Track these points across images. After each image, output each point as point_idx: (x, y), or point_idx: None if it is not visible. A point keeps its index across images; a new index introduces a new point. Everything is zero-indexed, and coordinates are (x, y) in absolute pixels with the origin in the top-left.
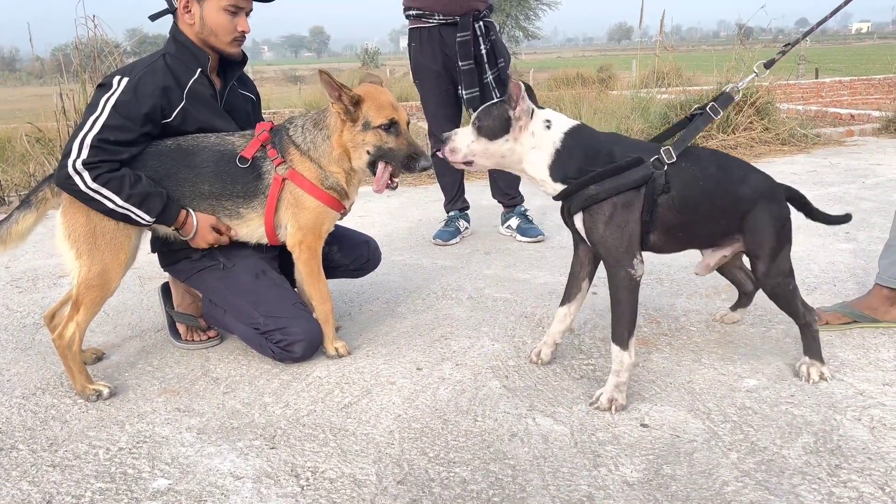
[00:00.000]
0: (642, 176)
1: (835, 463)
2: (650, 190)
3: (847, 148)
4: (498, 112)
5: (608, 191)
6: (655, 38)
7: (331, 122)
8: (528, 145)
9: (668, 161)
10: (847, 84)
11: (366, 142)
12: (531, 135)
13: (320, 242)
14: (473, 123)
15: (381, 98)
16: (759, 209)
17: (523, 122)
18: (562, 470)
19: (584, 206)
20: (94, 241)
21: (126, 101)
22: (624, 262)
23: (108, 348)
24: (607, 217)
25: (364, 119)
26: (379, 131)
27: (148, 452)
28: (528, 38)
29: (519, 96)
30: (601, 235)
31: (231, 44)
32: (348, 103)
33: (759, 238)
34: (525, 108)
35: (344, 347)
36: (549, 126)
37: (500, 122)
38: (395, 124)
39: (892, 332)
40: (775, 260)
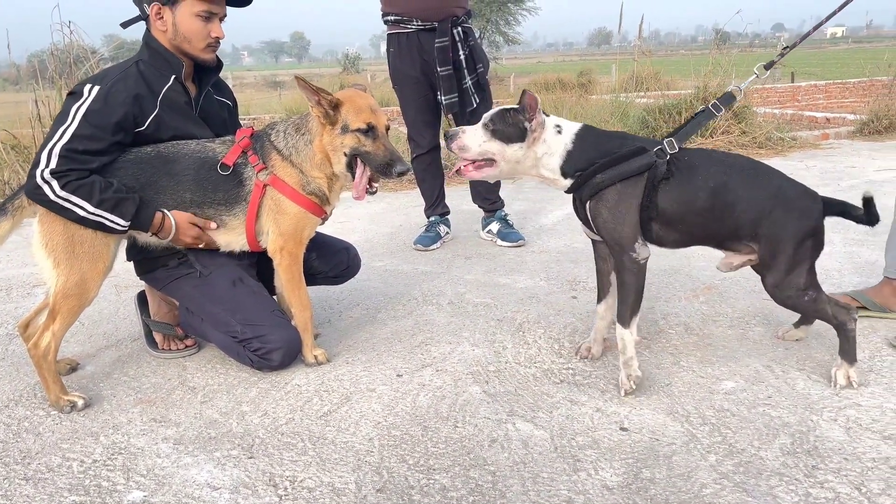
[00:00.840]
0: (645, 163)
1: (811, 464)
2: (651, 176)
3: (823, 151)
4: (513, 119)
5: (612, 178)
6: (634, 42)
7: (312, 127)
8: (541, 152)
9: (670, 151)
10: (822, 88)
11: (344, 144)
12: (543, 142)
13: (301, 248)
14: (486, 126)
15: (360, 102)
16: (774, 217)
17: (537, 133)
18: (542, 475)
19: (592, 194)
20: (73, 249)
21: (97, 109)
22: (626, 246)
23: (83, 358)
24: (611, 203)
25: (343, 122)
26: (357, 135)
27: (123, 464)
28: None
29: (535, 109)
30: (605, 220)
31: (205, 50)
32: (327, 107)
33: (772, 248)
34: (541, 121)
35: (323, 355)
36: (560, 131)
37: (516, 129)
38: (373, 128)
39: (867, 333)
40: (789, 274)
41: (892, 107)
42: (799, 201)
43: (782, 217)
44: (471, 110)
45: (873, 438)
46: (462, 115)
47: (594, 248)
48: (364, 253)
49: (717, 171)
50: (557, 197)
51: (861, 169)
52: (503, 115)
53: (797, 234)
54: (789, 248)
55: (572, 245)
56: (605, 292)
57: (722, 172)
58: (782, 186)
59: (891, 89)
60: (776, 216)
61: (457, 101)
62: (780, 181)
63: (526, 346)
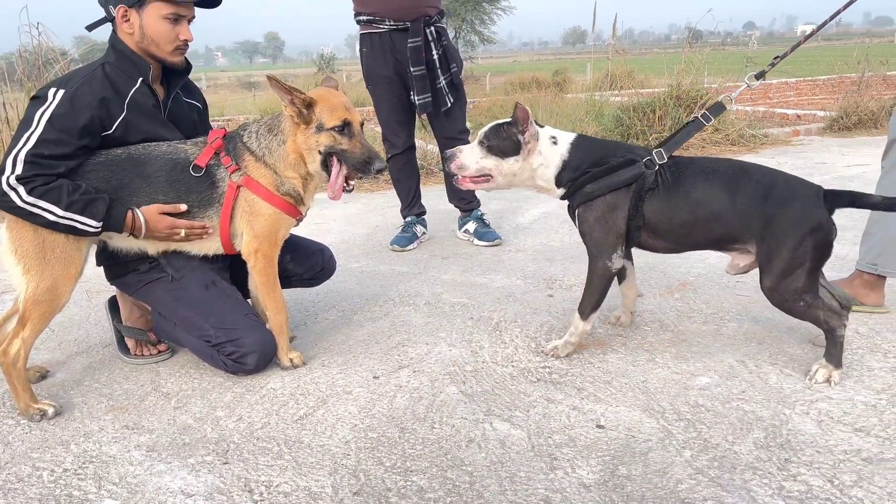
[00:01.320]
0: (633, 174)
1: (784, 457)
2: (639, 187)
3: (793, 147)
4: (507, 133)
5: (602, 189)
6: (608, 41)
7: (285, 127)
8: (536, 163)
9: (659, 161)
10: (793, 85)
11: (319, 143)
12: (539, 153)
13: (276, 250)
14: (481, 143)
15: (333, 100)
16: (768, 219)
17: (531, 145)
18: (519, 474)
19: (582, 202)
20: (43, 255)
21: (62, 113)
22: (604, 255)
23: (54, 365)
24: (598, 213)
25: (317, 121)
26: (332, 133)
27: (94, 473)
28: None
29: (527, 121)
30: (590, 227)
31: (173, 53)
32: (301, 106)
33: (768, 250)
34: (534, 132)
35: (299, 358)
36: (556, 142)
37: (511, 143)
38: (349, 125)
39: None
40: (785, 277)
41: (861, 103)
42: (795, 201)
43: (776, 218)
44: (445, 110)
45: (845, 431)
46: (436, 115)
47: None
48: (340, 254)
49: (700, 181)
50: (533, 196)
51: (831, 165)
52: (497, 131)
53: (794, 236)
54: (786, 250)
55: (549, 244)
56: (623, 276)
57: (706, 181)
58: (776, 186)
59: (859, 86)
60: (770, 217)
61: (430, 101)
62: (774, 180)
63: (503, 346)
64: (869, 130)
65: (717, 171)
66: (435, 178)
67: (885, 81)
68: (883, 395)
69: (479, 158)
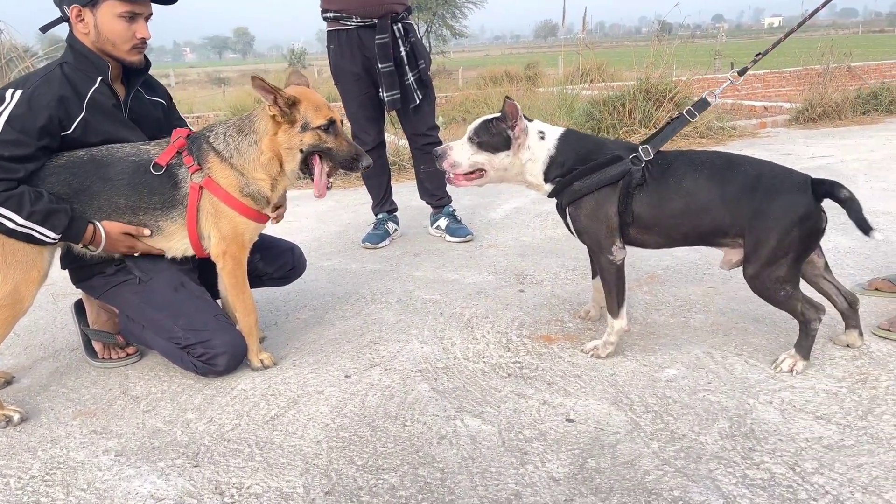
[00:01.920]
0: (620, 171)
1: (748, 446)
2: (626, 184)
3: (760, 140)
4: (497, 129)
5: (590, 186)
6: (579, 35)
7: (259, 127)
8: (525, 157)
9: (645, 158)
10: (761, 77)
11: (303, 142)
12: (527, 148)
13: (244, 252)
14: (471, 139)
15: (316, 99)
16: (756, 210)
17: (521, 139)
18: (490, 470)
19: (571, 200)
20: (4, 258)
21: (20, 114)
22: (604, 249)
23: (19, 371)
24: (589, 210)
25: (303, 120)
26: (318, 132)
27: (62, 479)
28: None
29: (517, 116)
30: (584, 226)
31: (130, 52)
32: (284, 105)
33: (755, 240)
34: (523, 127)
35: (269, 358)
36: (544, 137)
37: (501, 138)
38: (334, 124)
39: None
40: (770, 266)
41: (826, 95)
42: (782, 191)
43: (764, 208)
44: (413, 107)
45: (807, 419)
46: (405, 112)
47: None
48: (312, 252)
49: (688, 174)
50: (505, 191)
51: (797, 157)
52: (486, 126)
53: (781, 225)
54: (773, 239)
55: (520, 239)
56: (596, 271)
57: (693, 174)
58: (762, 177)
59: (824, 78)
60: (757, 208)
61: (399, 98)
62: (760, 171)
63: (474, 342)
64: (833, 122)
65: (704, 164)
66: (406, 174)
67: (849, 73)
68: (843, 383)
69: (470, 155)
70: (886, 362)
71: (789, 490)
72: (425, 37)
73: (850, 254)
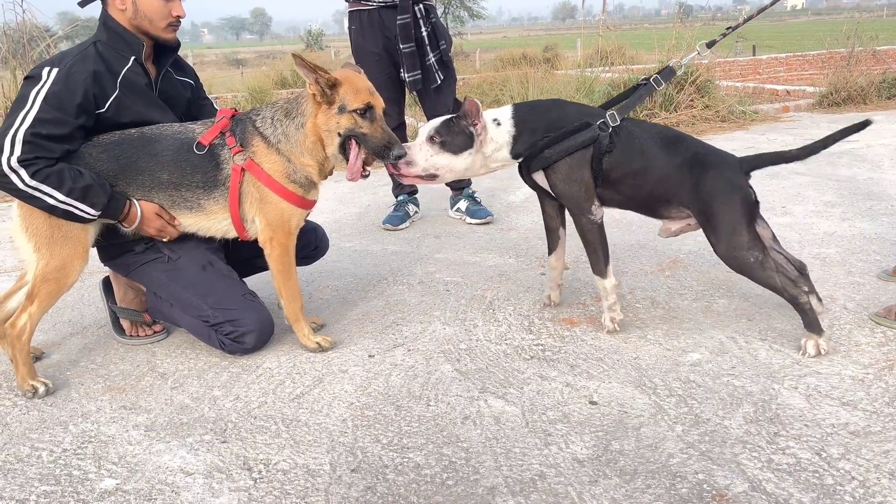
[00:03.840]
0: (589, 137)
1: (773, 431)
2: (597, 150)
3: (783, 124)
4: (458, 128)
5: (559, 153)
6: (598, 16)
7: (305, 109)
8: (490, 150)
9: (612, 124)
10: (783, 60)
11: (339, 125)
12: (491, 141)
13: (291, 239)
14: (431, 139)
15: (358, 83)
16: (702, 182)
17: (483, 136)
18: (514, 450)
19: (542, 166)
20: (52, 234)
21: (57, 91)
22: (584, 210)
23: (49, 347)
24: (564, 175)
25: (340, 102)
26: (354, 115)
27: (94, 452)
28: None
29: (477, 114)
30: (562, 190)
31: (166, 30)
32: (325, 86)
33: (706, 211)
34: (484, 123)
35: (326, 340)
36: (499, 122)
37: (464, 137)
38: (371, 109)
39: (826, 303)
40: (730, 234)
41: (850, 79)
42: (716, 163)
43: (703, 180)
44: (435, 87)
45: (832, 405)
46: (426, 92)
47: (542, 207)
48: (333, 234)
49: (648, 139)
50: None
51: None
52: (448, 126)
53: (722, 193)
54: (719, 207)
55: (540, 222)
56: (554, 245)
57: (651, 139)
58: (698, 153)
59: (849, 61)
60: (697, 180)
61: (420, 78)
62: (697, 148)
63: (496, 324)
64: (858, 106)
65: (659, 133)
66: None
67: (874, 57)
68: (870, 369)
69: (428, 156)
70: None
71: (815, 475)
72: (443, 18)
73: (877, 240)
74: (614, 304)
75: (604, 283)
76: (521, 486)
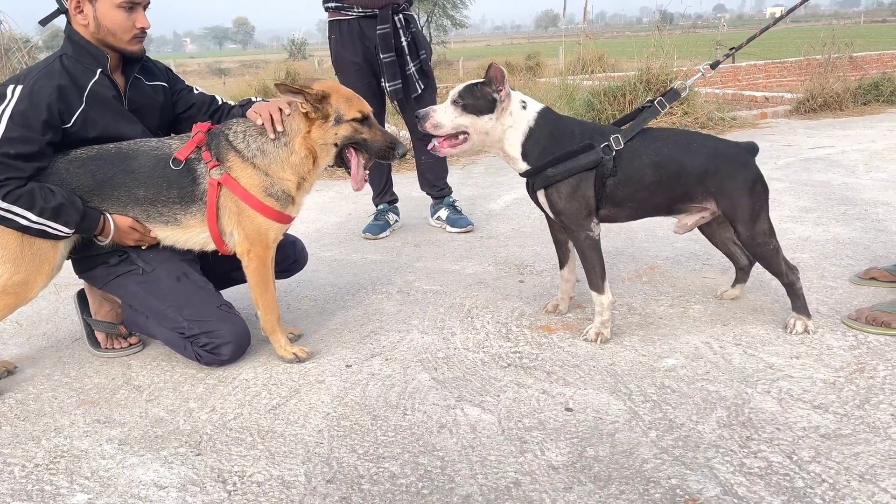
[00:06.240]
0: (592, 160)
1: (746, 435)
2: (600, 173)
3: (761, 130)
4: (481, 92)
5: (563, 173)
6: (580, 25)
7: (290, 127)
8: (507, 124)
9: (616, 147)
10: (762, 67)
11: (337, 135)
12: (510, 114)
13: (269, 251)
14: (455, 102)
15: (344, 91)
16: (723, 173)
17: (506, 103)
18: (489, 458)
19: (544, 185)
20: (21, 249)
21: (22, 110)
22: (584, 227)
23: (22, 360)
24: (566, 194)
25: (336, 113)
26: (352, 124)
27: (66, 467)
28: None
29: (502, 80)
30: (562, 208)
31: (131, 42)
32: (315, 101)
33: (732, 201)
34: (507, 91)
35: (302, 350)
36: (525, 106)
37: (486, 101)
38: (367, 116)
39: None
40: (756, 222)
41: (827, 86)
42: (736, 155)
43: (727, 171)
44: (415, 96)
45: (804, 408)
46: (407, 102)
47: (549, 223)
48: (313, 243)
49: (657, 147)
50: (505, 182)
51: (797, 147)
52: (471, 90)
53: (746, 183)
54: (745, 197)
55: (520, 230)
56: (565, 259)
57: (661, 147)
58: (717, 146)
59: (825, 68)
60: (722, 172)
61: (401, 88)
62: (715, 142)
63: (474, 332)
64: (834, 112)
65: (668, 138)
66: (407, 165)
67: (851, 63)
68: (841, 372)
69: (454, 117)
70: (884, 352)
71: (786, 478)
72: (426, 27)
73: (850, 244)
74: (607, 322)
75: (600, 298)
76: (496, 493)
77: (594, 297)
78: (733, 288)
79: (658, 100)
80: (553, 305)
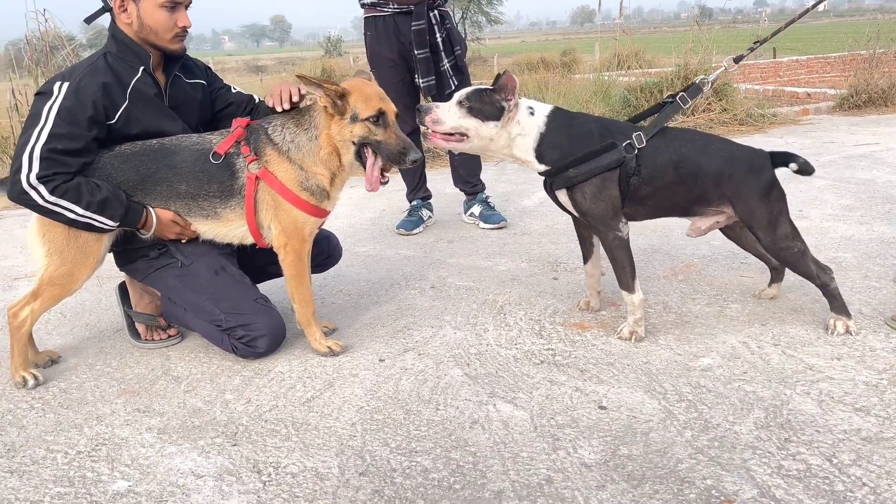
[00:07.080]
0: (616, 160)
1: (784, 437)
2: (623, 172)
3: (802, 127)
4: (490, 99)
5: (585, 174)
6: (616, 20)
7: (318, 121)
8: (514, 133)
9: (638, 146)
10: (804, 63)
11: (353, 134)
12: (517, 123)
13: (305, 245)
14: (461, 103)
15: (367, 90)
16: (738, 178)
17: (513, 113)
18: (521, 455)
19: (565, 185)
20: (67, 242)
21: (69, 106)
22: (612, 227)
23: (66, 350)
24: (590, 195)
25: (352, 111)
26: (367, 123)
27: (107, 455)
28: (491, 23)
29: (513, 90)
30: (588, 209)
31: (172, 41)
32: (334, 97)
33: (749, 206)
34: (517, 102)
35: (336, 344)
36: (533, 113)
37: (493, 108)
38: (384, 115)
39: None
40: (776, 227)
41: (871, 81)
42: (751, 159)
43: (742, 176)
44: (449, 93)
45: (845, 411)
46: (440, 98)
47: (573, 218)
48: (347, 239)
49: (676, 146)
50: (539, 179)
51: (840, 144)
52: (480, 94)
53: (761, 187)
54: (761, 202)
55: (553, 226)
56: (589, 254)
57: (680, 146)
58: (733, 151)
59: (870, 63)
60: (737, 176)
61: (434, 84)
62: (731, 147)
63: (507, 329)
64: (879, 109)
65: (686, 139)
66: (441, 161)
67: None
68: (884, 374)
69: (457, 117)
70: None
71: (825, 481)
72: (461, 24)
73: (895, 244)
74: (640, 320)
75: (631, 297)
76: (527, 490)
77: (625, 296)
78: (770, 287)
79: (680, 95)
80: (585, 302)
